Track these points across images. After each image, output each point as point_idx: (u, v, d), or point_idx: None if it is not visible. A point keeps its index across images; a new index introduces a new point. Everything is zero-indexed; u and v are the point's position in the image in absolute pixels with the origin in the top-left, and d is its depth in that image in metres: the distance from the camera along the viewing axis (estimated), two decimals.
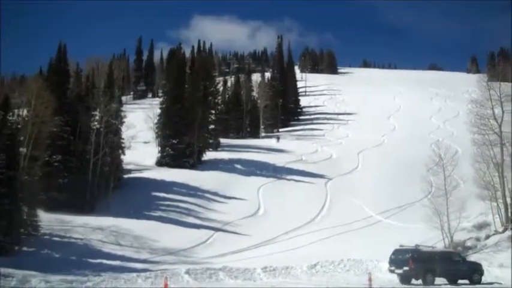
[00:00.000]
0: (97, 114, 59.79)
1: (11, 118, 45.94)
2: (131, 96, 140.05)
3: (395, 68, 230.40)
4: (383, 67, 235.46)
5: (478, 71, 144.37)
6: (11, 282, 24.27)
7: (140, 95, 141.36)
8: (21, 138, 44.84)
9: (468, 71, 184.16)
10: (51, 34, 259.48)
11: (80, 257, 38.07)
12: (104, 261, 37.72)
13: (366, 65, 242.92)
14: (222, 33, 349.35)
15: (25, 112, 50.30)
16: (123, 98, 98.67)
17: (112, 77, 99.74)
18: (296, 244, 45.36)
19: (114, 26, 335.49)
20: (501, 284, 27.54)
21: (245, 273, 30.87)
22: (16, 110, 50.89)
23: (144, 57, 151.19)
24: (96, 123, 58.90)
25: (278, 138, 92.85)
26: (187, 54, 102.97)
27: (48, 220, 45.25)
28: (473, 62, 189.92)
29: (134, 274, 29.12)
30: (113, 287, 25.65)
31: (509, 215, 41.32)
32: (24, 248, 39.23)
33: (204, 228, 50.13)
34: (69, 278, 27.56)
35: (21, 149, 44.00)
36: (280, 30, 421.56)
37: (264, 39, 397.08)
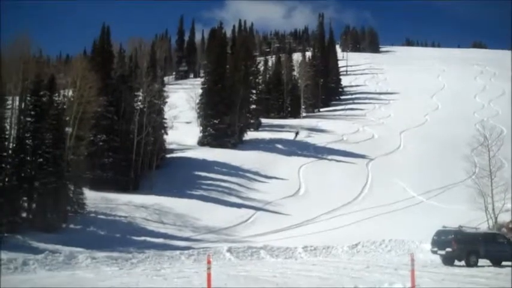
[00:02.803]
0: (140, 94, 60.59)
1: (57, 99, 46.99)
2: (173, 76, 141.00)
3: (438, 46, 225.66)
4: (426, 45, 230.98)
5: None
6: (58, 258, 24.99)
7: (182, 76, 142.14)
8: (67, 118, 45.73)
9: None
10: (94, 15, 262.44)
11: (124, 235, 38.95)
12: (148, 238, 38.52)
13: (408, 43, 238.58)
14: (257, 13, 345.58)
15: (70, 93, 51.24)
16: (166, 79, 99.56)
17: (154, 57, 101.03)
18: (337, 224, 45.40)
19: (153, 8, 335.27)
20: None
21: (286, 252, 31.08)
22: (62, 91, 51.96)
23: (186, 38, 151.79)
24: (139, 103, 59.65)
25: (297, 133, 79.19)
26: (228, 34, 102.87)
27: (93, 198, 46.26)
28: None
29: (177, 252, 29.63)
30: (157, 263, 26.16)
31: None
32: (71, 226, 40.27)
33: (245, 208, 50.56)
34: (114, 254, 28.21)
35: (67, 129, 44.91)
36: (316, 8, 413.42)
37: (300, 18, 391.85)
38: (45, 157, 39.34)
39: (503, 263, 27.57)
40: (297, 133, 78.40)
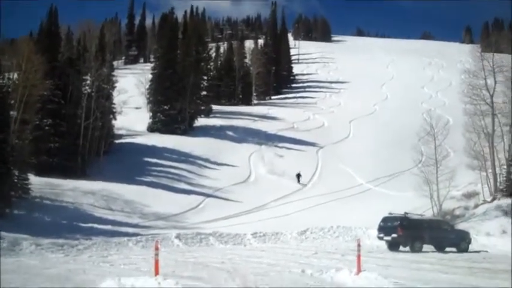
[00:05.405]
0: (88, 78, 59.32)
1: (1, 81, 45.56)
2: (123, 61, 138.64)
3: (388, 37, 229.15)
4: (376, 36, 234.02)
5: (472, 41, 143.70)
6: (2, 244, 24.34)
7: (132, 60, 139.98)
8: (12, 101, 44.50)
9: (462, 41, 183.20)
10: None
11: (70, 221, 38.17)
12: (95, 225, 37.87)
13: (359, 33, 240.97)
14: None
15: (15, 75, 49.79)
16: (115, 63, 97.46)
17: (103, 41, 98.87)
18: (286, 211, 45.72)
19: None
20: (487, 252, 27.86)
21: (235, 238, 31.15)
22: (6, 73, 50.39)
23: (136, 22, 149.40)
24: (87, 87, 58.46)
25: (298, 175, 57.94)
26: (179, 19, 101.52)
27: (39, 184, 45.16)
28: (467, 32, 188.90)
29: (125, 238, 29.33)
30: (104, 250, 25.78)
31: (498, 184, 41.63)
32: (15, 211, 39.17)
33: (195, 194, 50.41)
34: (60, 241, 27.64)
35: (11, 113, 43.68)
36: None
37: (249, 4, 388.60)
38: None
39: (447, 249, 28.27)
40: (298, 176, 58.34)
